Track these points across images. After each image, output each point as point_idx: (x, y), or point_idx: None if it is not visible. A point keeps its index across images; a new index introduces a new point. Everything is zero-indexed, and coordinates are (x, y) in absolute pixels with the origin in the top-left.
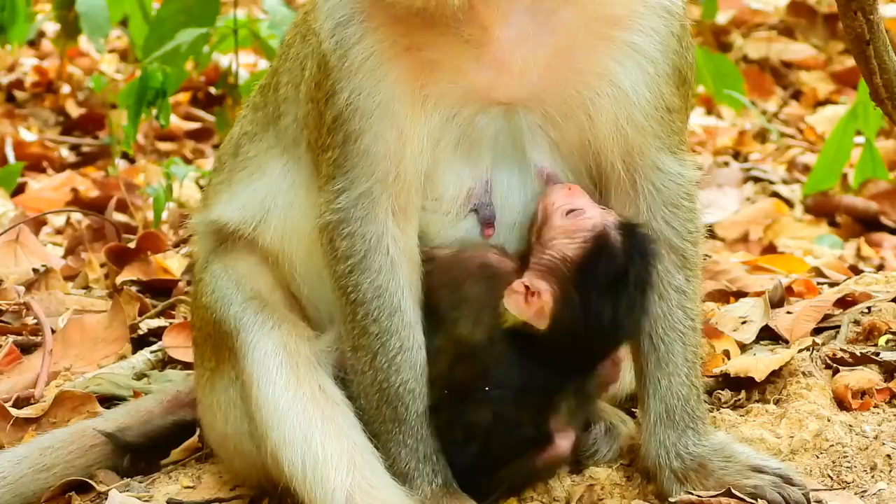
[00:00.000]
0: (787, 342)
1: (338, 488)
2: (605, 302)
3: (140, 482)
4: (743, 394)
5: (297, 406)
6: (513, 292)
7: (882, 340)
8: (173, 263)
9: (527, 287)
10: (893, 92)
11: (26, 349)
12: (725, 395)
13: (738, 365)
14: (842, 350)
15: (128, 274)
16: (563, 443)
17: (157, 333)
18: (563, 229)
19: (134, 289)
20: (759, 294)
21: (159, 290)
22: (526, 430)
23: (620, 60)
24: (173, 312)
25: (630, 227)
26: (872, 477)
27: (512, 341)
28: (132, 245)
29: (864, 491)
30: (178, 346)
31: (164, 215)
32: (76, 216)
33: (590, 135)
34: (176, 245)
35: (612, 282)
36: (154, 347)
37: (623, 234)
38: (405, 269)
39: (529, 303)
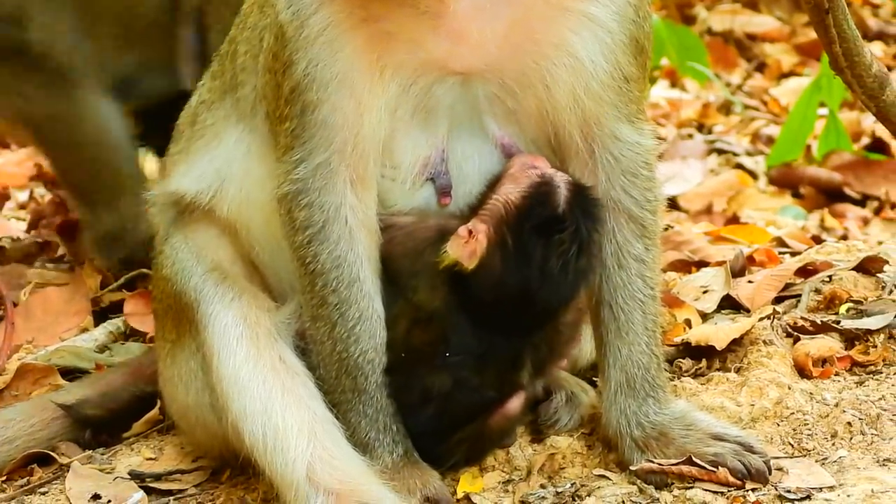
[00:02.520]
0: (748, 311)
1: (298, 459)
2: (536, 249)
3: (102, 454)
4: (704, 362)
5: (258, 378)
6: (456, 236)
7: (843, 309)
8: None
9: (470, 231)
10: (853, 61)
11: None
12: (686, 363)
13: (699, 334)
14: (802, 318)
15: None
16: (514, 402)
17: (119, 306)
18: (513, 178)
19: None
20: (720, 264)
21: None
22: (487, 393)
23: (577, 31)
24: (135, 285)
25: (579, 188)
26: (833, 444)
27: (454, 294)
28: None
29: (825, 458)
30: (139, 313)
31: None
32: (39, 191)
33: (547, 105)
34: None
35: (548, 231)
36: (116, 320)
37: (570, 191)
38: (364, 239)
39: (467, 244)
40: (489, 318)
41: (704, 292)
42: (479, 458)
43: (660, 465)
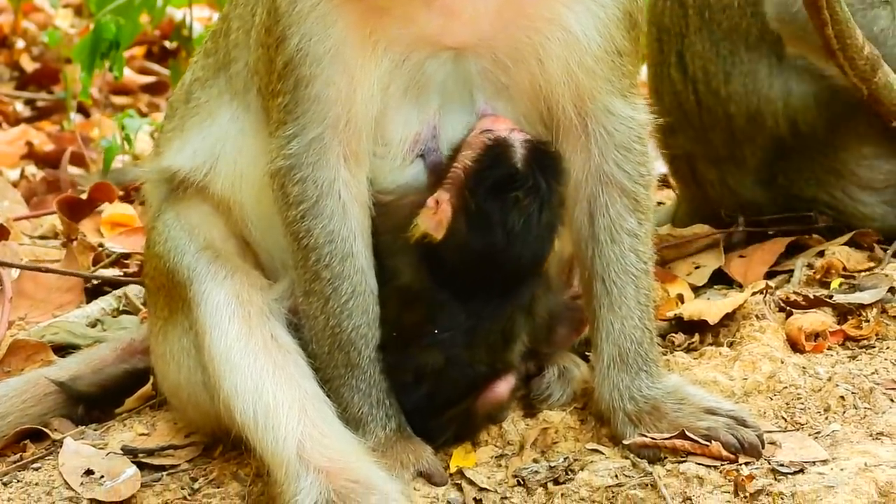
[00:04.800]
0: (740, 286)
1: (289, 437)
2: (495, 210)
3: (95, 430)
4: (696, 337)
5: (249, 356)
6: (426, 208)
7: (835, 283)
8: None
9: (437, 201)
10: (845, 43)
11: None
12: (679, 338)
13: (692, 308)
14: (795, 293)
15: (88, 227)
16: (502, 387)
17: (111, 283)
18: (469, 144)
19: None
20: (713, 239)
21: None
22: (479, 369)
23: (570, 5)
24: (127, 262)
25: (536, 144)
26: (826, 418)
27: (430, 267)
28: (84, 196)
29: (818, 432)
30: None
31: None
32: (31, 169)
33: (541, 80)
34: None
35: (503, 189)
36: (109, 297)
37: (526, 148)
38: (357, 214)
39: (435, 215)
40: (467, 285)
41: (696, 267)
42: (470, 437)
43: (653, 439)
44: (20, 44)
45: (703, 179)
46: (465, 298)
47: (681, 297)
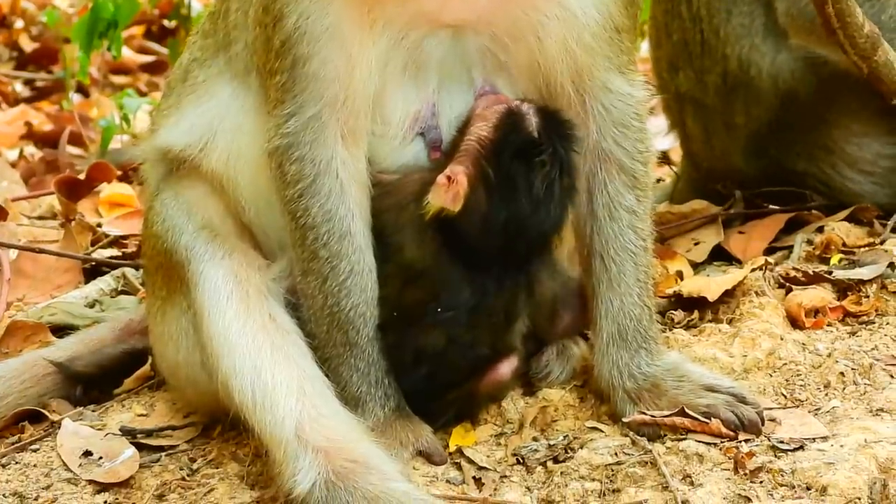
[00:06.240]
0: (739, 262)
1: (287, 416)
2: (520, 176)
3: (93, 411)
4: (696, 314)
5: (247, 335)
6: (436, 185)
7: (835, 259)
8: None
9: (448, 177)
10: (845, 21)
11: None
12: (678, 315)
13: (691, 285)
14: (795, 269)
15: (86, 207)
16: (504, 367)
17: (109, 263)
18: (481, 116)
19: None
20: (712, 215)
21: None
22: (480, 350)
23: None
24: (126, 242)
25: (549, 112)
26: (826, 395)
27: (443, 243)
28: (82, 176)
29: (818, 409)
30: None
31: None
32: (30, 149)
33: (539, 57)
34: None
35: (527, 155)
36: (107, 277)
37: (540, 115)
38: (355, 193)
39: (449, 189)
40: (482, 258)
41: (696, 244)
42: (471, 418)
43: (652, 416)
44: (19, 24)
45: (691, 135)
46: (473, 274)
47: (680, 274)
